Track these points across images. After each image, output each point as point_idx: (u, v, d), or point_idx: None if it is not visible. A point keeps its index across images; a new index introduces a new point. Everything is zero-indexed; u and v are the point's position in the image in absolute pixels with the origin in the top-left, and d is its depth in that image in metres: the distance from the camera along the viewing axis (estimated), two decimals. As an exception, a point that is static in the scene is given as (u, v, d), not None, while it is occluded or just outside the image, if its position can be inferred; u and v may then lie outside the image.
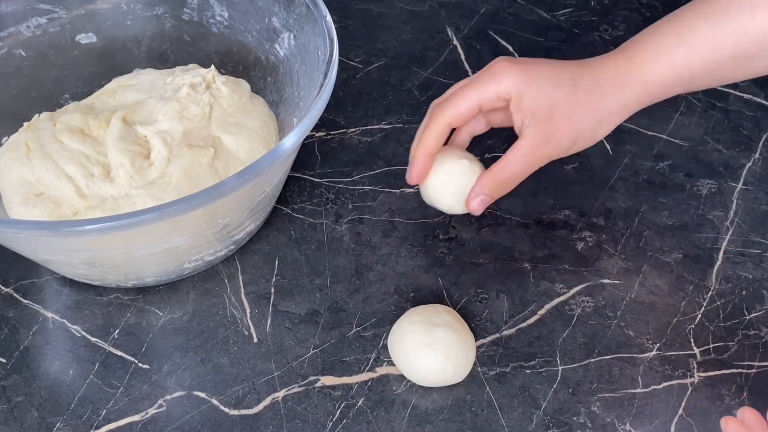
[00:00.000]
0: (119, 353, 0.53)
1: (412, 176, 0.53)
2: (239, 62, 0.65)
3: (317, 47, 0.55)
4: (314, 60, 0.56)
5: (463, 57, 0.74)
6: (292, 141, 0.47)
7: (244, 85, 0.62)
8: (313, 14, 0.56)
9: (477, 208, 0.52)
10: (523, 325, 0.55)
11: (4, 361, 0.53)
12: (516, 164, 0.51)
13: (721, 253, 0.58)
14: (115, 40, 0.65)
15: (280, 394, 0.51)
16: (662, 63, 0.50)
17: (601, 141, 0.66)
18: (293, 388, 0.52)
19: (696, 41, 0.49)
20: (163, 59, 0.66)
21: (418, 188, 0.63)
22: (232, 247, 0.57)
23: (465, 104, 0.51)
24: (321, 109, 0.50)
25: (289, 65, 0.61)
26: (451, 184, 0.53)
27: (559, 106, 0.50)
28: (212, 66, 0.61)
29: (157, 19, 0.65)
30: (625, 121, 0.67)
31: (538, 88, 0.49)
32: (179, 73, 0.62)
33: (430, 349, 0.49)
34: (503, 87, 0.50)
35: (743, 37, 0.49)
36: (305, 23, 0.57)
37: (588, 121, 0.51)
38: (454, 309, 0.54)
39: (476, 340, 0.53)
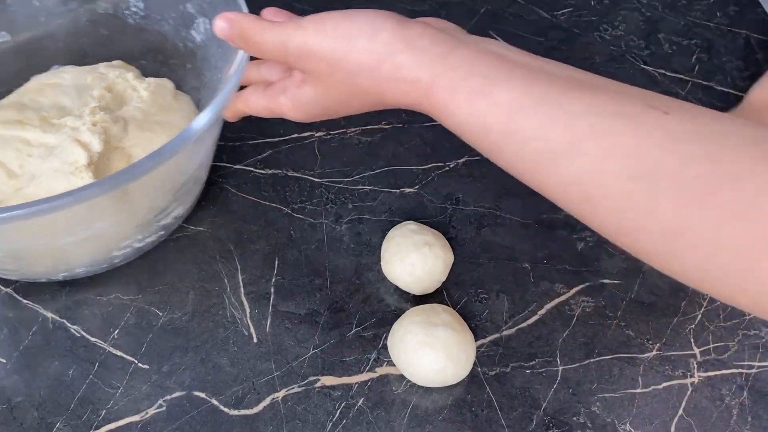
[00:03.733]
0: (119, 353, 0.54)
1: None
2: (159, 51, 0.65)
3: None
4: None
5: (463, 57, 0.74)
6: (203, 121, 0.46)
7: (168, 85, 0.61)
8: None
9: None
10: (523, 325, 0.55)
11: (4, 361, 0.53)
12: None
13: (721, 253, 0.58)
14: (31, 38, 0.64)
15: (280, 394, 0.51)
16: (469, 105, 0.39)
17: (601, 141, 0.66)
18: (293, 388, 0.52)
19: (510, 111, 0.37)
20: (82, 54, 0.66)
21: (418, 188, 0.63)
22: (162, 232, 0.57)
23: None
24: (233, 89, 0.49)
25: (206, 50, 0.60)
26: (416, 270, 0.54)
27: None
28: (131, 73, 0.61)
29: (71, 13, 0.64)
30: (625, 121, 0.68)
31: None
32: (102, 70, 0.61)
33: (430, 349, 0.49)
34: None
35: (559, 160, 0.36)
36: (218, 6, 0.56)
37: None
38: (454, 309, 0.54)
39: (476, 340, 0.53)
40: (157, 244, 0.58)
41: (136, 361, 0.53)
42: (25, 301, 0.56)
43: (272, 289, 0.57)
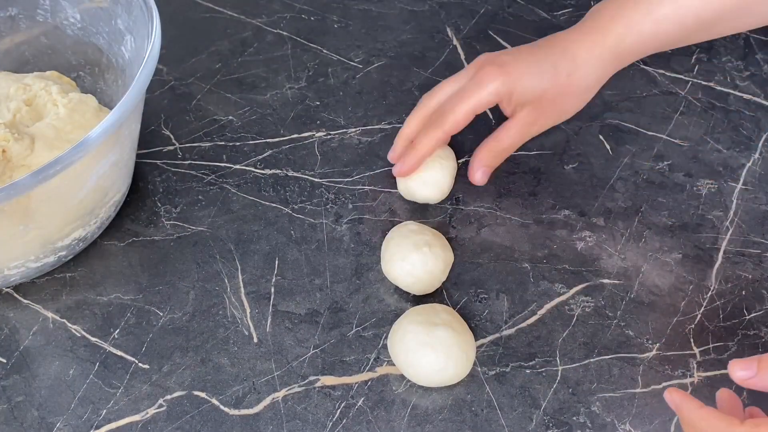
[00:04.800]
0: (119, 353, 0.54)
1: (402, 172, 0.59)
2: (95, 65, 0.65)
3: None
4: None
5: (463, 57, 0.74)
6: (93, 140, 0.47)
7: (90, 102, 0.60)
8: (145, 16, 0.56)
9: (481, 178, 0.59)
10: (523, 325, 0.55)
11: (4, 361, 0.53)
12: (507, 140, 0.58)
13: (720, 253, 0.58)
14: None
15: (280, 394, 0.51)
16: (632, 36, 0.55)
17: (601, 141, 0.66)
18: (293, 388, 0.52)
19: (662, 14, 0.54)
20: (23, 61, 0.66)
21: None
22: (63, 253, 0.56)
23: (462, 117, 0.56)
24: (128, 110, 0.49)
25: (132, 68, 0.60)
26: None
27: (544, 95, 0.56)
28: (56, 87, 0.60)
29: (11, 20, 0.65)
30: (625, 121, 0.68)
31: (523, 85, 0.55)
32: (29, 81, 0.61)
33: (431, 348, 0.49)
34: (492, 92, 0.55)
35: (707, 6, 0.53)
36: (141, 26, 0.57)
37: (570, 100, 0.58)
38: (454, 309, 0.54)
39: (476, 340, 0.53)
40: (61, 263, 0.57)
41: (136, 361, 0.53)
42: (25, 301, 0.57)
43: (272, 289, 0.57)
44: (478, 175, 0.58)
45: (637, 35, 0.54)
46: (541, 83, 0.55)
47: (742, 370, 0.40)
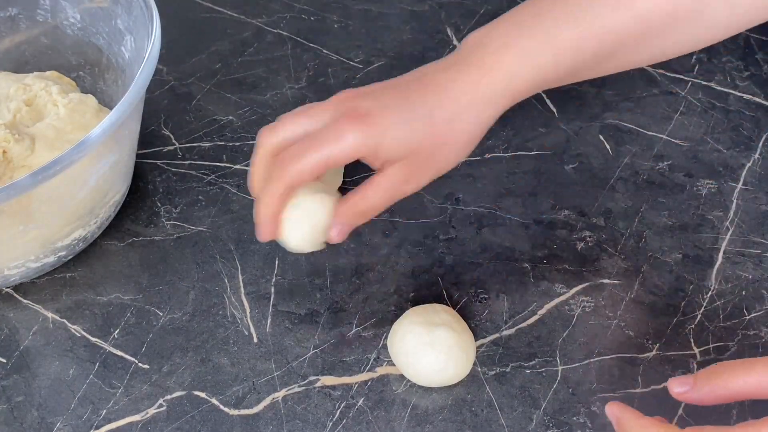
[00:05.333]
0: (119, 353, 0.54)
1: (262, 238, 0.48)
2: (94, 65, 0.65)
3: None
4: None
5: (463, 57, 0.74)
6: (86, 145, 0.47)
7: (90, 102, 0.60)
8: (145, 16, 0.56)
9: (337, 237, 0.48)
10: (523, 325, 0.55)
11: (4, 361, 0.53)
12: (373, 198, 0.48)
13: (720, 253, 0.58)
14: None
15: (280, 394, 0.51)
16: (528, 70, 0.46)
17: (601, 141, 0.66)
18: (293, 388, 0.52)
19: (562, 43, 0.46)
20: (22, 62, 0.66)
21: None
22: (63, 253, 0.56)
23: (308, 168, 0.45)
24: (128, 110, 0.49)
25: (132, 68, 0.60)
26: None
27: (419, 149, 0.46)
28: (56, 87, 0.60)
29: (11, 20, 0.65)
30: (625, 121, 0.68)
31: (392, 138, 0.45)
32: (29, 81, 0.61)
33: (431, 348, 0.49)
34: (351, 146, 0.45)
35: (607, 36, 0.46)
36: (141, 26, 0.57)
37: (451, 151, 0.48)
38: (454, 309, 0.54)
39: (476, 340, 0.53)
40: (61, 263, 0.57)
41: (136, 361, 0.53)
42: (25, 301, 0.57)
43: (272, 289, 0.57)
44: (334, 232, 0.47)
45: (534, 69, 0.46)
46: (414, 135, 0.45)
47: (678, 386, 0.40)
